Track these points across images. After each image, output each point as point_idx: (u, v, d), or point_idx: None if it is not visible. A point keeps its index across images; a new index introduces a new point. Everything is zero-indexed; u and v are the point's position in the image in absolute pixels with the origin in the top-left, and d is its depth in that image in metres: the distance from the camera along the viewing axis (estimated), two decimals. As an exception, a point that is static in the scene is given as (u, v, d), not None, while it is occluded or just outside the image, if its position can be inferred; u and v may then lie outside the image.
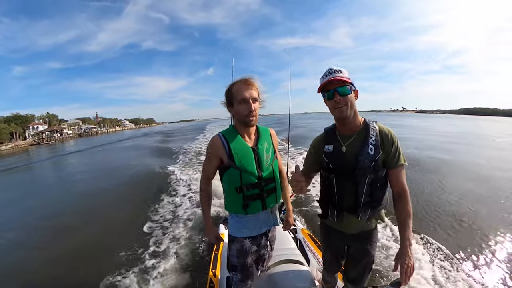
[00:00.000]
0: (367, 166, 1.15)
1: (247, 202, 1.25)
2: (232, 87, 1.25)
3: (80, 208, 5.64)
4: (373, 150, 1.15)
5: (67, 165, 14.51)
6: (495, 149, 10.19)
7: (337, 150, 1.23)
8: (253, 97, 1.22)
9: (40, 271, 3.20)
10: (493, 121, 43.04)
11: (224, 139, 1.24)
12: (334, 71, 1.16)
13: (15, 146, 43.16)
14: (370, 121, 1.23)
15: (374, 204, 1.22)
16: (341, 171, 1.21)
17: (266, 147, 1.31)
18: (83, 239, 3.86)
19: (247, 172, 1.23)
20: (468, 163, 7.58)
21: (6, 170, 14.21)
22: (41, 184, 9.61)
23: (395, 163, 1.17)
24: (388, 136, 1.18)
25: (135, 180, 7.56)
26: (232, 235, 1.33)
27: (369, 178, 1.17)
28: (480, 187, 5.29)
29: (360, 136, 1.19)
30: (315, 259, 1.98)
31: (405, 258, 1.07)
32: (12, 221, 5.25)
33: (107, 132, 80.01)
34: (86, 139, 50.29)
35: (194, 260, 2.93)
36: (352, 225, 1.28)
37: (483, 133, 18.07)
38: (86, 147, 24.70)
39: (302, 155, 9.05)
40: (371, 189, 1.18)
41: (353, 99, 1.17)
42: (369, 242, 1.32)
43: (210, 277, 1.86)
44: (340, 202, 1.25)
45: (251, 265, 1.32)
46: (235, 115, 1.27)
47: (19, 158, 22.15)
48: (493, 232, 3.39)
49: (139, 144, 20.98)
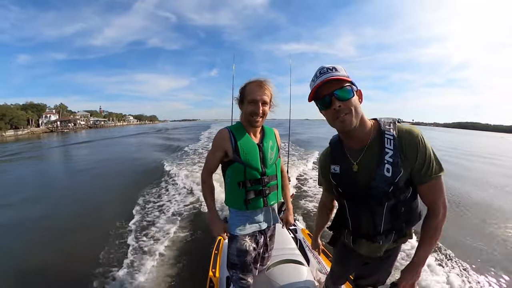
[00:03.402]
0: (384, 192, 0.89)
1: (249, 198, 1.25)
2: (246, 86, 1.25)
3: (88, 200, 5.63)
4: (390, 170, 0.86)
5: (99, 151, 15.66)
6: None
7: (345, 171, 0.98)
8: (264, 100, 1.22)
9: (36, 259, 3.13)
10: (478, 135, 46.02)
11: (231, 133, 1.24)
12: (327, 70, 0.87)
13: (31, 132, 45.85)
14: (385, 124, 0.91)
15: (399, 228, 0.97)
16: (353, 197, 0.99)
17: (271, 145, 1.32)
18: (78, 236, 3.75)
19: (252, 168, 1.23)
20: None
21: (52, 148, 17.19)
22: (93, 159, 11.39)
23: (427, 176, 0.86)
24: (412, 141, 0.86)
25: (137, 175, 7.59)
26: (231, 233, 1.31)
27: (388, 204, 0.92)
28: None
29: (373, 150, 0.90)
30: (315, 259, 1.98)
31: (410, 275, 0.94)
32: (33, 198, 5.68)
33: (115, 125, 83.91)
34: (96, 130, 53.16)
35: (193, 260, 2.91)
36: (372, 249, 1.06)
37: (455, 146, 18.83)
38: (103, 137, 25.80)
39: (306, 158, 9.14)
40: (391, 216, 0.94)
41: (357, 102, 0.88)
42: (389, 261, 1.13)
43: (210, 276, 1.85)
44: (356, 230, 1.05)
45: (250, 263, 1.31)
46: (243, 113, 1.28)
47: (48, 141, 24.87)
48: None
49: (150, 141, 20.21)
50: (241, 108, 1.29)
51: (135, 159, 10.54)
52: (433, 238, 0.91)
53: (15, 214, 4.69)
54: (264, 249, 1.42)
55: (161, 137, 24.27)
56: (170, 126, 63.79)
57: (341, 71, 0.87)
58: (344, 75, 0.86)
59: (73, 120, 64.10)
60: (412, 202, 0.95)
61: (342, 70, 0.87)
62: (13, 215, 4.67)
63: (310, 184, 5.90)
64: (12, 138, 32.28)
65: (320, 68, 0.89)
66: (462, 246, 3.31)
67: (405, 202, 0.92)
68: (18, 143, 23.32)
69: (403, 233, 1.00)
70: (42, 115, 58.44)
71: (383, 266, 1.16)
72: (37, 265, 2.97)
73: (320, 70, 0.89)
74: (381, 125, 0.91)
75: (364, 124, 0.92)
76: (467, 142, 26.22)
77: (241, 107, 1.29)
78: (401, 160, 0.86)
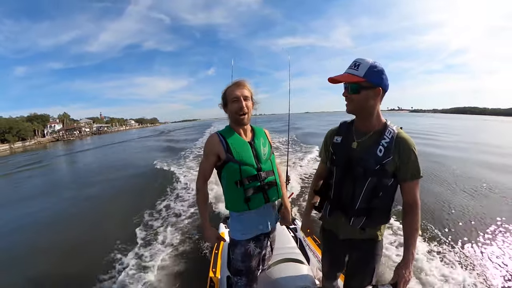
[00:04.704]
0: (370, 167, 1.05)
1: (249, 196, 1.24)
2: (226, 90, 1.30)
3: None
4: (382, 151, 1.04)
5: (107, 154, 17.13)
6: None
7: (345, 142, 1.15)
8: (244, 95, 1.25)
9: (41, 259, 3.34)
10: (465, 119, 46.85)
11: (221, 136, 1.26)
12: (352, 66, 1.04)
13: (38, 142, 47.80)
14: (391, 124, 1.10)
15: (371, 214, 1.10)
16: (343, 164, 1.14)
17: (263, 142, 1.34)
18: (77, 235, 3.94)
19: (246, 165, 1.24)
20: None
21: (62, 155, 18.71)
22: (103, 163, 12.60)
23: (410, 176, 1.05)
24: (406, 145, 1.04)
25: (139, 177, 7.82)
26: (234, 239, 1.30)
27: (371, 181, 1.06)
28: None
29: (375, 136, 1.09)
30: (315, 258, 1.97)
31: (405, 271, 1.03)
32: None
33: (118, 130, 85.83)
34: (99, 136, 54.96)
35: (194, 260, 2.92)
36: (343, 228, 1.19)
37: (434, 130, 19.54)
38: (105, 143, 26.76)
39: (310, 154, 9.12)
40: (370, 194, 1.07)
41: (364, 99, 1.04)
42: (370, 254, 1.20)
43: (211, 276, 1.85)
44: (336, 198, 1.18)
45: (255, 268, 1.32)
46: (229, 115, 1.31)
47: (56, 150, 26.60)
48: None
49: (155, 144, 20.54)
50: (226, 111, 1.32)
51: (138, 162, 10.89)
52: (416, 231, 1.06)
53: (28, 220, 5.03)
54: (267, 251, 1.42)
55: (163, 139, 25.36)
56: (172, 128, 64.33)
57: (361, 71, 1.01)
58: (359, 76, 1.01)
59: (78, 128, 66.31)
60: (390, 192, 1.09)
61: (364, 69, 1.01)
62: (26, 221, 5.01)
63: (311, 183, 5.86)
64: (20, 150, 34.14)
65: (355, 60, 1.04)
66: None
67: (385, 189, 1.06)
68: (29, 153, 24.72)
69: (373, 223, 1.13)
70: (46, 125, 60.52)
71: (363, 262, 1.22)
72: (41, 268, 3.14)
73: (353, 62, 1.04)
74: (388, 123, 1.09)
75: (374, 117, 1.09)
76: (439, 126, 25.63)
77: (226, 110, 1.32)
78: (394, 151, 1.03)
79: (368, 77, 1.00)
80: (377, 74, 1.01)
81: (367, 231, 1.15)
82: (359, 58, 1.04)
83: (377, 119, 1.10)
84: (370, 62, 1.01)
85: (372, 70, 1.01)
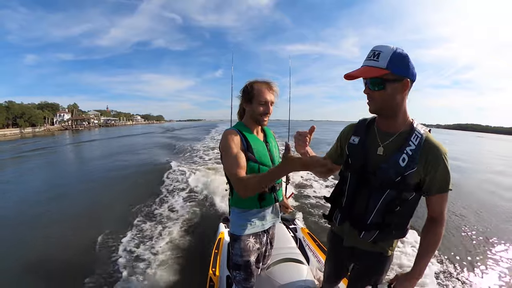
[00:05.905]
0: (390, 178, 0.90)
1: (264, 196, 1.27)
2: (253, 86, 1.24)
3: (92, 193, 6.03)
4: (405, 161, 0.88)
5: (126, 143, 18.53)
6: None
7: (364, 144, 0.99)
8: (272, 101, 1.27)
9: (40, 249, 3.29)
10: (469, 135, 48.21)
11: (241, 133, 1.24)
12: (371, 56, 0.86)
13: (47, 129, 49.38)
14: (418, 125, 0.94)
15: (385, 229, 0.96)
16: (358, 171, 0.98)
17: (274, 144, 1.39)
18: (74, 229, 3.86)
19: (264, 165, 1.25)
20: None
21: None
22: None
23: (437, 189, 0.90)
24: (435, 153, 0.88)
25: (141, 174, 7.69)
26: (235, 234, 1.30)
27: (389, 194, 0.91)
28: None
29: (399, 140, 0.92)
30: (315, 258, 1.96)
31: (408, 286, 0.96)
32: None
33: (124, 124, 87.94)
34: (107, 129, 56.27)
35: (193, 258, 2.91)
36: (352, 239, 1.06)
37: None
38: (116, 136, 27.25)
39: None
40: (386, 209, 0.93)
41: (389, 96, 0.87)
42: (376, 269, 1.08)
43: (210, 275, 1.85)
44: (347, 208, 1.03)
45: (254, 263, 1.33)
46: (250, 112, 1.27)
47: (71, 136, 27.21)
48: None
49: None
50: (247, 106, 1.27)
51: (144, 158, 10.72)
52: (435, 245, 0.94)
53: (32, 210, 4.89)
54: (267, 247, 1.44)
55: (170, 136, 25.44)
56: (177, 126, 65.49)
57: (382, 61, 0.82)
58: (382, 68, 0.82)
59: (87, 119, 68.44)
60: (409, 208, 0.94)
61: (387, 59, 0.82)
62: (30, 210, 4.87)
63: (311, 184, 5.99)
64: (30, 135, 35.45)
65: (373, 49, 0.86)
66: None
67: (403, 203, 0.92)
68: (46, 138, 25.72)
69: (385, 238, 0.99)
70: (56, 114, 62.25)
71: (368, 273, 1.10)
72: (38, 259, 3.08)
73: (371, 52, 0.86)
74: (414, 124, 0.92)
75: (402, 115, 0.92)
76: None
77: (246, 105, 1.27)
78: (419, 161, 0.87)
79: (392, 67, 0.82)
80: (402, 62, 0.84)
81: (378, 244, 1.02)
82: (378, 46, 0.86)
83: (403, 117, 0.93)
84: (393, 48, 0.84)
85: (396, 58, 0.83)
